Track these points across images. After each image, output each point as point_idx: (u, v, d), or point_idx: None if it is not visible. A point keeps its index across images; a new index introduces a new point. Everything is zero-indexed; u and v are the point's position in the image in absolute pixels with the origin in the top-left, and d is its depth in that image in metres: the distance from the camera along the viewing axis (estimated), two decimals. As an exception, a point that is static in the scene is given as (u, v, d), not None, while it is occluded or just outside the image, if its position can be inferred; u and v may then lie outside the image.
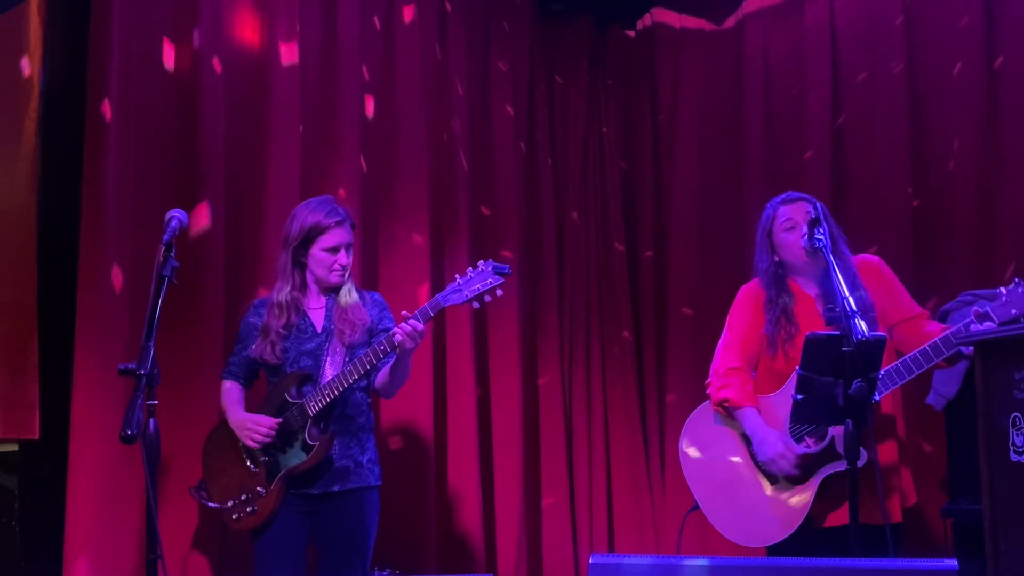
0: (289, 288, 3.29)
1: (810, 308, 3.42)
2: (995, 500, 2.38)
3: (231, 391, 3.34)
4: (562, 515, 4.87)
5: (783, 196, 3.56)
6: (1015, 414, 2.25)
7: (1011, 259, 4.18)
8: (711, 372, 3.53)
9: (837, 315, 2.91)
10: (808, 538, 3.27)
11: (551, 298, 5.03)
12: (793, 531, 3.27)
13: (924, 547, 4.15)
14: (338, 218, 3.29)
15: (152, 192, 3.49)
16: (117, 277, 3.33)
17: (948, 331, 3.16)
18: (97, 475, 3.22)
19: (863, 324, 2.86)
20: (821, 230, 3.16)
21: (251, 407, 3.30)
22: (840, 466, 3.18)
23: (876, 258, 3.49)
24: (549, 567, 4.80)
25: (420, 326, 3.13)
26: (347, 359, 3.26)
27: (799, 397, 3.04)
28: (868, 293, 3.32)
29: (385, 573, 3.69)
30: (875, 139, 4.60)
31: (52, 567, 3.18)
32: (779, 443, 3.30)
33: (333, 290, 3.35)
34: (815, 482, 3.27)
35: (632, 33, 5.43)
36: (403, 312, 3.20)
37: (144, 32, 3.51)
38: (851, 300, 2.92)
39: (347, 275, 3.34)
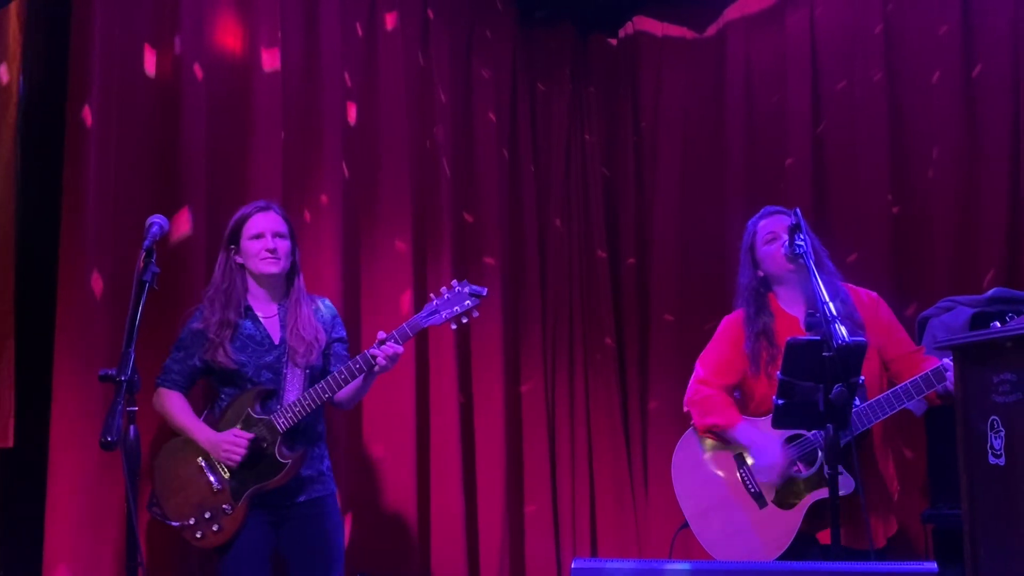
0: (216, 285, 3.24)
1: (793, 327, 3.40)
2: (974, 504, 2.38)
3: (181, 403, 3.22)
4: (545, 522, 4.87)
5: (762, 211, 3.57)
6: (993, 417, 2.26)
7: (990, 265, 4.22)
8: (686, 401, 3.53)
9: (817, 320, 2.92)
10: (795, 551, 3.29)
11: (534, 305, 5.03)
12: (777, 556, 3.28)
13: (905, 553, 4.17)
14: (261, 205, 3.27)
15: (133, 198, 3.47)
16: (97, 283, 3.30)
17: (940, 363, 3.17)
18: (77, 482, 3.19)
19: (843, 329, 2.87)
20: (801, 236, 3.17)
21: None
22: (827, 493, 3.17)
23: (874, 293, 3.51)
24: (532, 574, 4.79)
25: (401, 350, 3.14)
26: (305, 371, 3.23)
27: (780, 402, 3.05)
28: (862, 318, 3.34)
29: (367, 581, 3.68)
30: (855, 146, 4.64)
31: (31, 576, 3.16)
32: (778, 452, 3.30)
33: (283, 294, 3.30)
34: (803, 507, 3.29)
35: (614, 41, 5.45)
36: (379, 334, 3.19)
37: (125, 38, 3.49)
38: (831, 305, 2.94)
39: (288, 265, 3.27)
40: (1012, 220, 4.23)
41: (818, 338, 2.89)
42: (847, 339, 2.84)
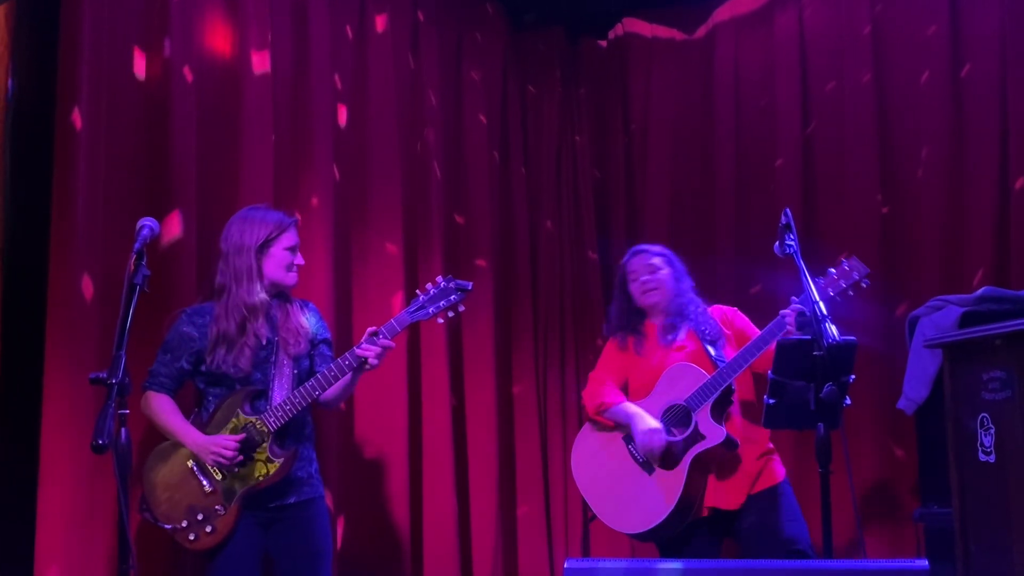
0: (259, 288, 3.21)
1: (652, 334, 3.72)
2: (965, 501, 2.40)
3: (169, 406, 3.20)
4: (537, 523, 4.87)
5: (629, 251, 3.86)
6: (983, 415, 2.28)
7: (979, 264, 4.24)
8: (584, 397, 3.79)
9: (808, 320, 2.94)
10: (693, 525, 3.52)
11: (525, 306, 5.04)
12: (669, 511, 3.48)
13: (897, 551, 4.19)
14: (295, 219, 3.35)
15: (123, 201, 3.46)
16: (88, 286, 3.29)
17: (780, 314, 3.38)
18: (68, 485, 3.18)
19: (834, 328, 2.89)
20: (791, 236, 3.19)
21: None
22: (703, 445, 3.46)
23: (732, 308, 3.77)
24: (525, 575, 4.79)
25: (392, 345, 3.19)
26: (293, 371, 3.24)
27: (771, 401, 3.07)
28: (724, 335, 3.65)
29: (360, 583, 3.68)
30: (844, 147, 4.65)
31: (22, 580, 3.15)
32: (653, 421, 3.52)
33: (278, 296, 3.32)
34: (685, 463, 3.47)
35: (604, 43, 5.46)
36: (368, 329, 3.20)
37: (114, 41, 3.48)
38: (822, 305, 2.96)
39: None
40: (1001, 219, 4.25)
41: (808, 338, 2.90)
42: (837, 338, 2.86)
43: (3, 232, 3.25)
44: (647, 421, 3.52)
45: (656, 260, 3.77)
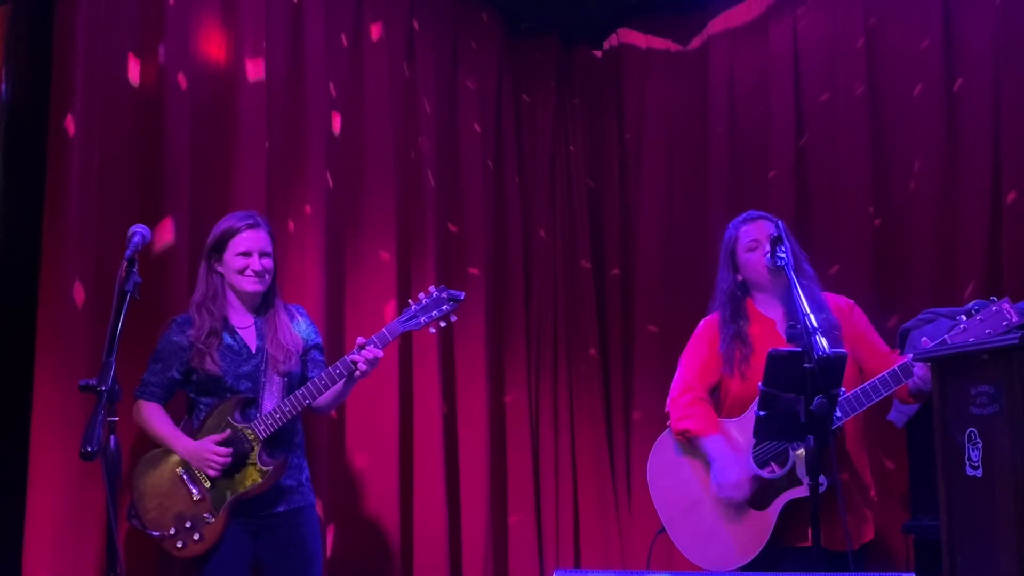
0: (203, 293, 3.24)
1: (768, 330, 3.45)
2: (952, 515, 2.40)
3: (160, 414, 3.21)
4: (528, 532, 4.86)
5: (744, 215, 3.61)
6: (971, 429, 2.28)
7: (970, 278, 4.25)
8: (669, 401, 3.55)
9: (799, 332, 2.94)
10: (770, 556, 3.30)
11: (518, 315, 5.04)
12: (751, 559, 3.29)
13: (886, 564, 4.19)
14: (250, 222, 3.27)
15: (115, 207, 3.46)
16: (79, 292, 3.29)
17: (907, 358, 3.22)
18: (57, 492, 3.18)
19: (824, 341, 2.90)
20: (783, 248, 3.20)
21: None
22: (801, 492, 3.21)
23: (850, 300, 3.54)
24: (515, 584, 4.80)
25: (381, 354, 3.19)
26: (284, 380, 3.24)
27: (761, 413, 3.06)
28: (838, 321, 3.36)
29: (349, 591, 3.67)
30: (837, 159, 4.66)
31: (10, 586, 3.14)
32: (738, 472, 3.31)
33: (260, 306, 3.32)
34: (776, 507, 3.29)
35: (599, 53, 5.48)
36: (358, 339, 3.21)
37: (109, 46, 3.49)
38: (812, 317, 2.96)
39: (268, 284, 3.29)
40: (992, 232, 4.25)
41: (799, 350, 2.91)
42: (828, 351, 2.87)
43: (-6, 237, 3.25)
44: (730, 472, 3.28)
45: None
